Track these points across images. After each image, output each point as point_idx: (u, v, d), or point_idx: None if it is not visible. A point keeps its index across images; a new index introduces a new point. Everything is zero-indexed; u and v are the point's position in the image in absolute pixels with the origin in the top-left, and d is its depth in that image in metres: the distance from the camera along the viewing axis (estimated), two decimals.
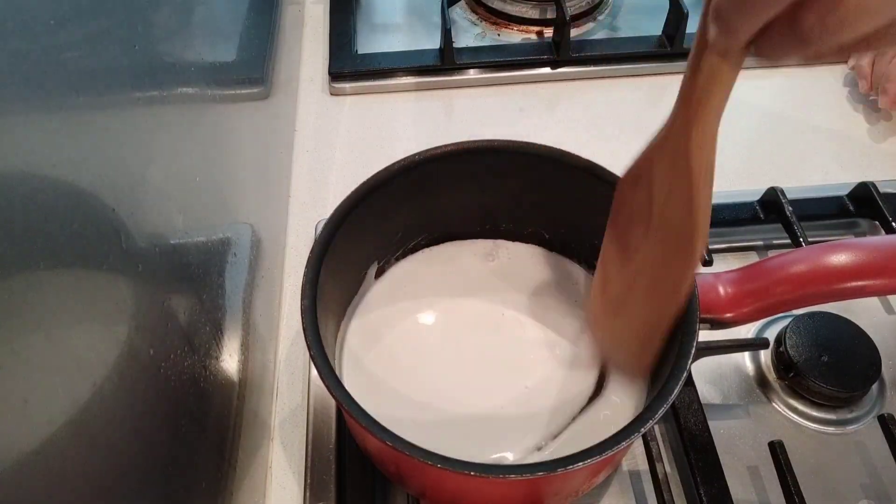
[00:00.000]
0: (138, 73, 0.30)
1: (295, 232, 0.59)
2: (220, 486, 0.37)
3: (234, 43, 0.50)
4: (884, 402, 0.48)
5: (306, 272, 0.38)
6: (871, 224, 0.57)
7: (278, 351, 0.52)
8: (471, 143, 0.44)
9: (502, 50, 0.71)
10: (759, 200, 0.57)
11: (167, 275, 0.32)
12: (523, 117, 0.68)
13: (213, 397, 0.37)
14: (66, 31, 0.24)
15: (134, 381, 0.27)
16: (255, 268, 0.47)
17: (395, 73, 0.70)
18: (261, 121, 0.55)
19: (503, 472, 0.32)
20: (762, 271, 0.41)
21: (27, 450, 0.20)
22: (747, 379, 0.49)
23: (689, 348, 0.35)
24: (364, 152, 0.65)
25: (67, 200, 0.23)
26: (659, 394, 0.34)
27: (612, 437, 0.33)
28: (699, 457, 0.43)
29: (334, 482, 0.44)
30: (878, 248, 0.40)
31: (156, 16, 0.33)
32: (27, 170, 0.21)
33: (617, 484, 0.45)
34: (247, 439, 0.42)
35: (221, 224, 0.42)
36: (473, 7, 0.76)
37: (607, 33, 0.74)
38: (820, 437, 0.46)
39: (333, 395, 0.34)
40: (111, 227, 0.26)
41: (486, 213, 0.49)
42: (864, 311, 0.51)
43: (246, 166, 0.48)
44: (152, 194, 0.31)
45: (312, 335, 0.36)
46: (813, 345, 0.47)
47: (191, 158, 0.37)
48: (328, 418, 0.47)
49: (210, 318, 0.37)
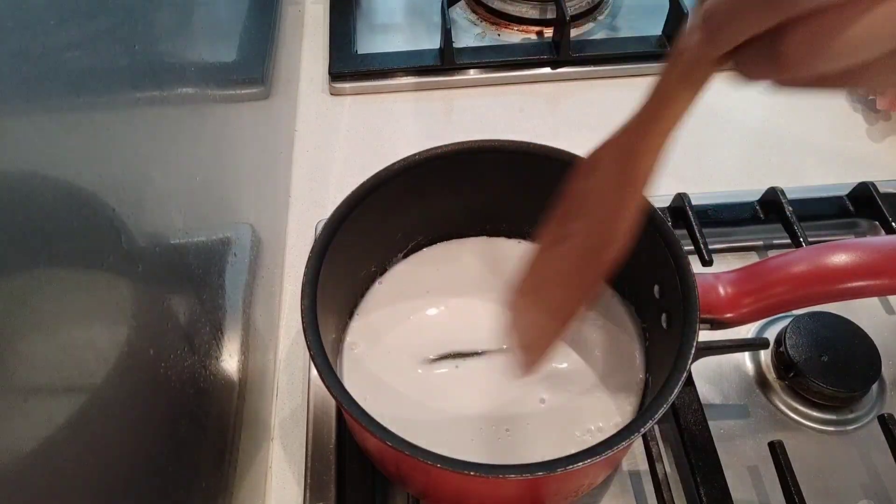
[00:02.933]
0: (138, 73, 0.30)
1: (295, 232, 0.59)
2: (220, 486, 0.37)
3: (234, 43, 0.50)
4: (884, 402, 0.48)
5: (306, 272, 0.38)
6: (871, 224, 0.57)
7: (278, 351, 0.52)
8: (471, 143, 0.44)
9: (502, 50, 0.71)
10: (759, 200, 0.57)
11: (167, 275, 0.32)
12: (523, 117, 0.68)
13: (213, 397, 0.37)
14: (66, 31, 0.24)
15: (134, 381, 0.27)
16: (255, 268, 0.47)
17: (395, 73, 0.70)
18: (261, 121, 0.55)
19: (503, 472, 0.32)
20: (762, 271, 0.41)
21: (27, 450, 0.20)
22: (747, 379, 0.49)
23: (689, 348, 0.35)
24: (364, 152, 0.65)
25: (67, 200, 0.23)
26: (659, 394, 0.34)
27: (612, 437, 0.33)
28: (699, 457, 0.43)
29: (334, 482, 0.44)
30: (878, 249, 0.40)
31: (156, 16, 0.33)
32: (27, 170, 0.21)
33: (617, 484, 0.45)
34: (247, 439, 0.42)
35: (221, 224, 0.42)
36: (473, 7, 0.76)
37: (607, 33, 0.74)
38: (820, 437, 0.46)
39: (333, 395, 0.34)
40: (111, 227, 0.26)
41: (486, 212, 0.49)
42: (864, 311, 0.51)
43: (246, 166, 0.48)
44: (152, 194, 0.31)
45: (312, 335, 0.36)
46: (813, 345, 0.47)
47: (191, 158, 0.37)
48: (328, 418, 0.47)
49: (210, 318, 0.37)
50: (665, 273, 0.40)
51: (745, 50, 0.22)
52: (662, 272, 0.40)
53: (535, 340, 0.38)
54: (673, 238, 0.40)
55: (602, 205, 0.32)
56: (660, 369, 0.39)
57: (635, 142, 0.29)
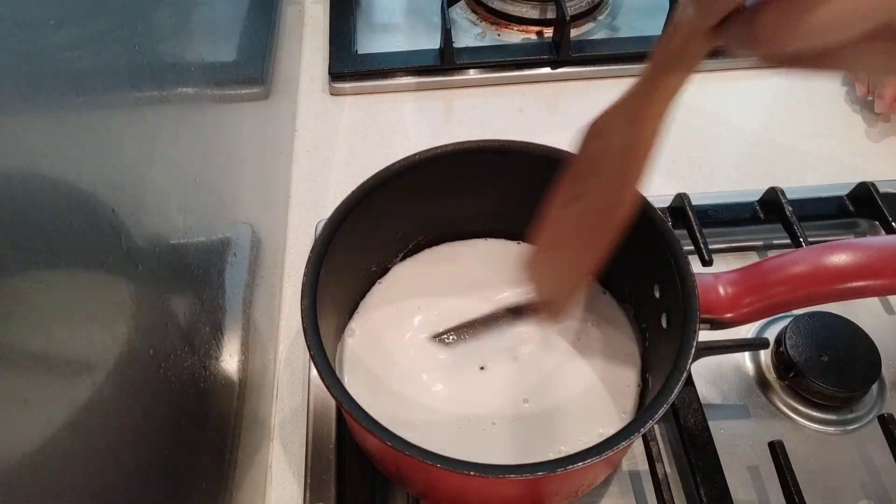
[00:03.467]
0: (138, 73, 0.30)
1: (295, 232, 0.59)
2: (220, 486, 0.37)
3: (234, 43, 0.50)
4: (884, 402, 0.48)
5: (306, 272, 0.38)
6: (871, 224, 0.57)
7: (278, 351, 0.52)
8: (471, 143, 0.44)
9: (502, 50, 0.71)
10: (759, 200, 0.57)
11: (167, 275, 0.32)
12: (523, 117, 0.68)
13: (213, 397, 0.37)
14: (66, 31, 0.24)
15: (134, 381, 0.27)
16: (255, 268, 0.47)
17: (395, 73, 0.70)
18: (261, 121, 0.55)
19: (503, 472, 0.32)
20: (762, 271, 0.41)
21: (27, 450, 0.20)
22: (747, 379, 0.49)
23: (689, 348, 0.35)
24: (364, 152, 0.65)
25: (67, 200, 0.23)
26: (659, 394, 0.34)
27: (612, 437, 0.33)
28: (699, 457, 0.43)
29: (334, 482, 0.44)
30: (878, 249, 0.40)
31: (156, 16, 0.33)
32: (27, 170, 0.21)
33: (617, 484, 0.45)
34: (247, 439, 0.42)
35: (221, 224, 0.42)
36: (473, 7, 0.77)
37: (607, 33, 0.74)
38: (820, 437, 0.46)
39: (333, 395, 0.34)
40: (111, 227, 0.26)
41: (486, 213, 0.49)
42: (864, 311, 0.51)
43: (246, 166, 0.48)
44: (152, 194, 0.31)
45: (312, 335, 0.36)
46: (813, 345, 0.47)
47: (191, 158, 0.37)
48: (328, 418, 0.47)
49: (210, 318, 0.37)
50: (665, 273, 0.40)
51: (728, 25, 0.23)
52: (662, 272, 0.40)
53: (556, 292, 0.40)
54: (673, 238, 0.40)
55: (611, 166, 0.33)
56: (659, 369, 0.39)
57: (639, 108, 0.30)
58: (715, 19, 0.24)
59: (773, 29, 0.21)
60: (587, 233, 0.36)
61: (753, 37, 0.22)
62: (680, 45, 0.27)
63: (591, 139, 0.34)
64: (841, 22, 0.20)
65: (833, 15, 0.20)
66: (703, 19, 0.24)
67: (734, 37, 0.23)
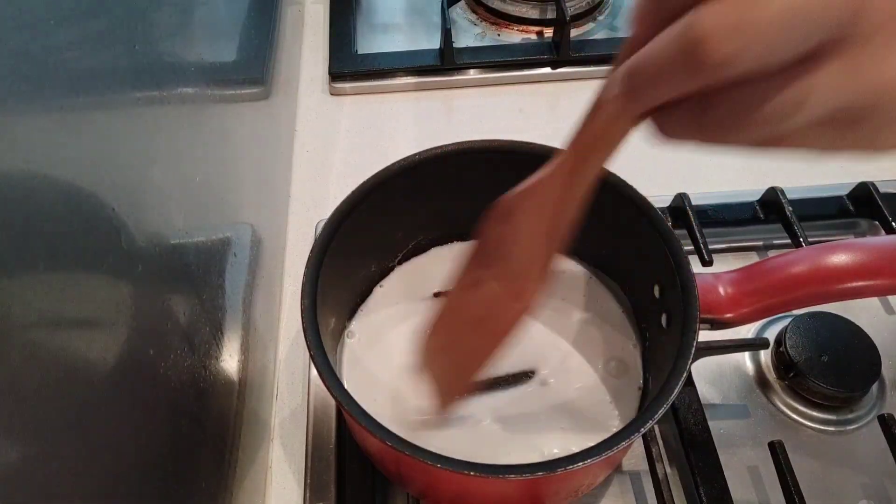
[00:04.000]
0: (138, 73, 0.30)
1: (295, 232, 0.59)
2: (220, 486, 0.37)
3: (234, 43, 0.50)
4: (884, 402, 0.48)
5: (306, 272, 0.38)
6: (871, 224, 0.56)
7: (278, 351, 0.52)
8: (471, 143, 0.44)
9: (502, 50, 0.71)
10: (759, 200, 0.57)
11: (167, 275, 0.32)
12: (523, 117, 0.68)
13: (213, 397, 0.37)
14: (66, 31, 0.24)
15: (134, 381, 0.27)
16: (255, 268, 0.47)
17: (395, 73, 0.70)
18: (261, 121, 0.55)
19: (503, 472, 0.32)
20: (762, 271, 0.41)
21: (27, 450, 0.20)
22: (747, 379, 0.49)
23: (689, 348, 0.35)
24: (364, 152, 0.65)
25: (67, 200, 0.23)
26: (659, 394, 0.34)
27: (612, 437, 0.33)
28: (699, 457, 0.43)
29: (334, 482, 0.44)
30: (877, 249, 0.40)
31: (156, 16, 0.33)
32: (27, 170, 0.21)
33: (617, 484, 0.45)
34: (247, 439, 0.42)
35: (221, 224, 0.42)
36: (473, 7, 0.76)
37: (607, 33, 0.74)
38: (820, 437, 0.46)
39: (333, 395, 0.34)
40: (111, 227, 0.26)
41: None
42: (864, 311, 0.51)
43: (246, 166, 0.48)
44: (152, 194, 0.31)
45: (312, 335, 0.36)
46: (813, 345, 0.47)
47: (191, 158, 0.37)
48: (328, 418, 0.47)
49: (210, 318, 0.37)
50: (665, 273, 0.40)
51: (668, 110, 0.21)
52: (662, 272, 0.40)
53: (447, 385, 0.39)
54: (673, 238, 0.40)
55: (518, 254, 0.31)
56: (659, 370, 0.39)
57: (556, 194, 0.28)
58: (648, 107, 0.22)
59: (728, 119, 0.20)
60: (483, 323, 0.34)
61: (704, 127, 0.21)
62: (602, 128, 0.25)
63: (498, 221, 0.32)
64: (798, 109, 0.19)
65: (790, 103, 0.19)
66: (633, 105, 0.22)
67: (675, 123, 0.22)
